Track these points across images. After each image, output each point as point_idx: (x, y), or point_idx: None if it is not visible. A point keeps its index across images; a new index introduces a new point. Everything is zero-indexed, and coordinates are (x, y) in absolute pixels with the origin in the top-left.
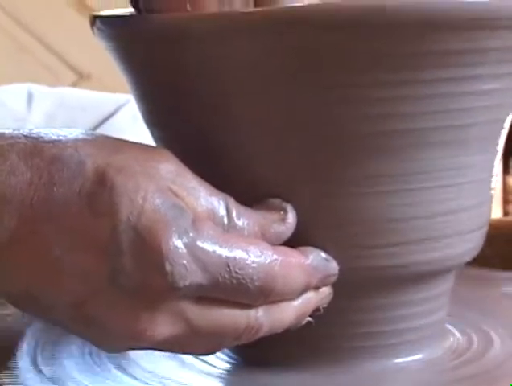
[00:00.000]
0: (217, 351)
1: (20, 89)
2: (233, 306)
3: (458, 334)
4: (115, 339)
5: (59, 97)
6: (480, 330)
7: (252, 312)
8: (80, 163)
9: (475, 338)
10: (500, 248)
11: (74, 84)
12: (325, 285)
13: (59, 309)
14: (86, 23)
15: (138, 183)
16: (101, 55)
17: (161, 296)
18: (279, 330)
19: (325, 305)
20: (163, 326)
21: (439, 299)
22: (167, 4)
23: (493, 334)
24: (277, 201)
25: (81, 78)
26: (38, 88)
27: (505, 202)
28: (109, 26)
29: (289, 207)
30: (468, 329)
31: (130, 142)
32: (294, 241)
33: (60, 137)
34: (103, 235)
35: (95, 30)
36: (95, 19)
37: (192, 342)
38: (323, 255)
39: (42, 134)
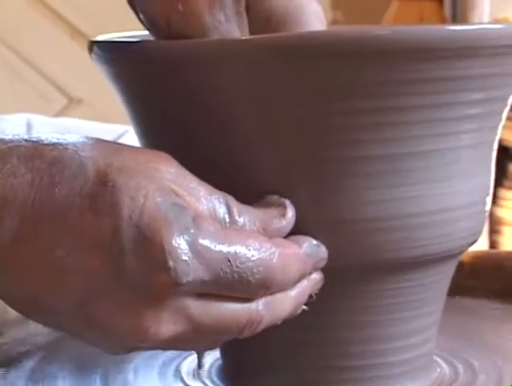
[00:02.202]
0: (219, 345)
1: (19, 119)
2: (234, 301)
3: (444, 366)
4: (119, 340)
5: (58, 127)
6: (465, 361)
7: (253, 306)
8: (81, 164)
9: (461, 369)
10: (485, 280)
11: (65, 109)
12: (316, 270)
13: (62, 311)
14: (78, 49)
15: (139, 183)
16: (92, 81)
17: (164, 293)
18: (279, 322)
19: (317, 292)
20: (167, 323)
21: (429, 330)
22: (159, 5)
23: (477, 365)
24: (275, 197)
25: (72, 103)
26: (37, 118)
27: (492, 232)
28: (107, 52)
29: (287, 203)
30: (453, 360)
31: (130, 146)
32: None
33: (60, 140)
34: (105, 234)
35: (93, 55)
36: (93, 45)
37: (195, 339)
38: (314, 242)
39: (42, 138)
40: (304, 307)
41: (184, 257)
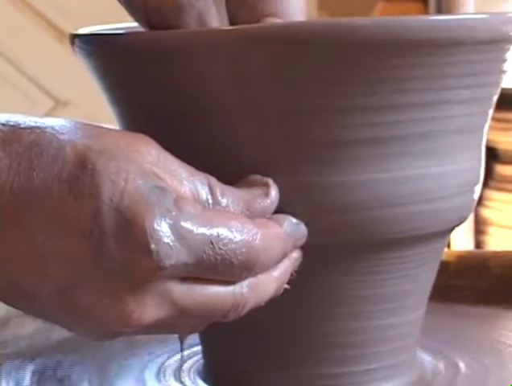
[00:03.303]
0: (202, 329)
1: None
2: (217, 284)
3: (426, 365)
4: (101, 326)
5: None
6: (447, 360)
7: (237, 288)
8: (60, 148)
9: (443, 368)
10: (470, 280)
11: (51, 111)
12: (296, 248)
13: (43, 297)
14: (65, 52)
15: (120, 166)
16: (78, 83)
17: (147, 276)
18: (263, 303)
19: (296, 269)
20: (150, 308)
21: (413, 325)
22: None
23: (460, 365)
24: (258, 177)
25: (58, 105)
26: None
27: (478, 232)
28: (89, 44)
29: (270, 181)
30: (437, 359)
31: (110, 128)
32: None
33: (39, 124)
34: (85, 218)
35: (75, 48)
36: (74, 38)
37: (179, 323)
38: (294, 220)
39: (19, 122)
40: (286, 286)
41: (166, 240)
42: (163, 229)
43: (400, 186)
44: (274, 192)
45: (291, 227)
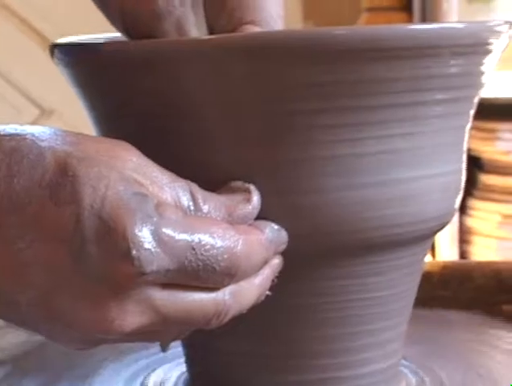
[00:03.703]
0: (184, 336)
1: None
2: (200, 291)
3: (410, 376)
4: (83, 333)
5: None
6: (431, 371)
7: (219, 296)
8: (40, 154)
9: (427, 379)
10: (454, 290)
11: (36, 120)
12: (276, 254)
13: (23, 305)
14: (50, 60)
15: (101, 172)
16: (63, 92)
17: (128, 283)
18: (245, 311)
19: (277, 275)
20: (132, 314)
21: (396, 334)
22: None
23: (443, 376)
24: (239, 183)
25: (43, 114)
26: None
27: (462, 242)
28: (68, 54)
29: (252, 188)
30: (419, 370)
31: (90, 135)
32: None
33: (18, 131)
34: (67, 224)
35: (54, 59)
36: (54, 48)
37: (161, 330)
38: (275, 226)
39: None
40: (268, 293)
41: (148, 246)
42: (144, 235)
43: (378, 190)
44: (255, 198)
45: (273, 234)
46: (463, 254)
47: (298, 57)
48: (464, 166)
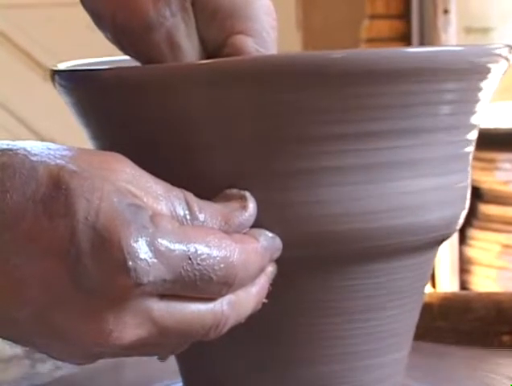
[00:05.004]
0: (183, 349)
1: None
2: (197, 302)
3: None
4: (81, 347)
5: None
6: None
7: (217, 306)
8: (33, 168)
9: None
10: (454, 321)
11: None
12: (271, 262)
13: (20, 321)
14: (51, 91)
15: (94, 184)
16: (63, 122)
17: (125, 294)
18: (243, 320)
19: (272, 282)
20: (130, 326)
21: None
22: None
23: None
24: (234, 191)
25: None
26: None
27: (462, 271)
28: (68, 80)
29: (247, 195)
30: None
31: (82, 148)
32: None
33: (10, 146)
34: (61, 238)
35: (55, 84)
36: (54, 73)
37: (160, 343)
38: (269, 234)
39: None
40: (264, 300)
41: (144, 256)
42: (139, 246)
43: (376, 200)
44: (251, 205)
45: (268, 242)
46: (463, 284)
47: (296, 81)
48: (468, 179)
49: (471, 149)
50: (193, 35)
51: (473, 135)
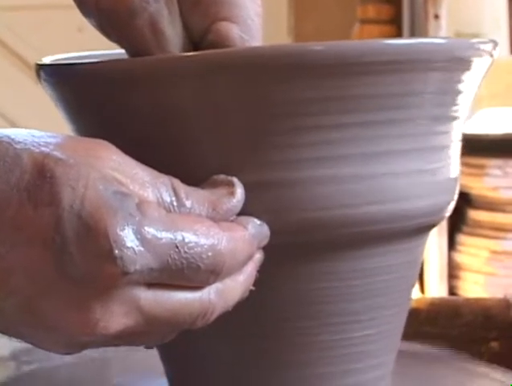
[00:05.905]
0: (170, 338)
1: None
2: (185, 291)
3: None
4: (68, 337)
5: None
6: None
7: (204, 295)
8: (17, 156)
9: None
10: (442, 327)
11: None
12: (259, 249)
13: (6, 310)
14: (43, 94)
15: (79, 172)
16: (57, 126)
17: (112, 283)
18: (230, 308)
19: (259, 269)
20: (117, 316)
21: (382, 380)
22: None
23: None
24: (222, 176)
25: None
26: None
27: (451, 277)
28: (53, 74)
29: (235, 180)
30: None
31: (68, 135)
32: None
33: None
34: (47, 226)
35: (41, 80)
36: (40, 68)
37: (146, 332)
38: (257, 221)
39: None
40: (252, 288)
41: (130, 245)
42: (126, 234)
43: (362, 187)
44: (239, 190)
45: (256, 229)
46: (451, 289)
47: (279, 73)
48: (455, 170)
49: (456, 139)
50: (177, 21)
51: (457, 127)
